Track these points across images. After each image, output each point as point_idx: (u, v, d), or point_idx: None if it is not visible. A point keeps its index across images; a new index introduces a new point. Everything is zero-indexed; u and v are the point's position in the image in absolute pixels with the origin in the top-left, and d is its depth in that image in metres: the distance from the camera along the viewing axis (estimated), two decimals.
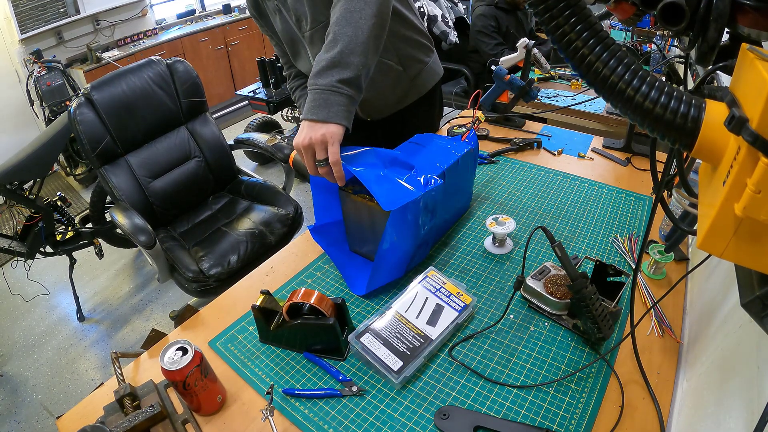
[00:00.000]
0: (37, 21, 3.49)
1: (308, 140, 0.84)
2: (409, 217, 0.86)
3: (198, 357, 0.68)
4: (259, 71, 3.01)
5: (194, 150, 1.91)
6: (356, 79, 0.86)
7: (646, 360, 0.75)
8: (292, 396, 0.74)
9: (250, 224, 1.77)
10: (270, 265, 1.04)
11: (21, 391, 1.97)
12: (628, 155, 1.34)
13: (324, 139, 0.84)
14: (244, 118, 4.26)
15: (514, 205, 1.16)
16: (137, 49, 3.89)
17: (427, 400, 0.73)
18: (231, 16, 4.57)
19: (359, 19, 0.86)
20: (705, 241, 0.35)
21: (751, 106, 0.31)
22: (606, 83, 0.39)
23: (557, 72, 2.44)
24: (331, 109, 0.84)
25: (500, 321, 0.83)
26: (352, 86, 0.86)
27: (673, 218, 0.58)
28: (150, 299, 2.39)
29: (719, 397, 0.57)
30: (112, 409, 0.71)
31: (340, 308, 0.82)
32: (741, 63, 0.37)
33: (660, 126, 0.38)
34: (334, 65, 0.85)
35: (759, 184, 0.29)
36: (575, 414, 0.69)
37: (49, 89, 3.29)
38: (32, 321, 2.34)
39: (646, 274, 0.93)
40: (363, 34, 0.86)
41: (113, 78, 1.74)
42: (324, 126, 0.84)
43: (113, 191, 1.70)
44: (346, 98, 0.86)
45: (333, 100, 0.85)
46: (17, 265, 2.32)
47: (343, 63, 0.85)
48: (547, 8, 0.39)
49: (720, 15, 0.38)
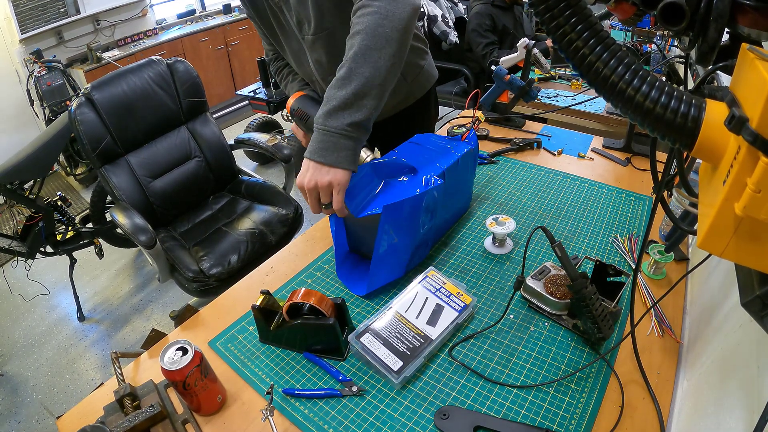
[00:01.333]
0: (38, 21, 3.49)
1: (313, 184, 0.82)
2: (404, 213, 0.86)
3: (198, 357, 0.69)
4: (260, 71, 3.01)
5: (194, 150, 1.91)
6: (367, 122, 0.82)
7: (646, 360, 0.75)
8: (292, 396, 0.74)
9: (250, 224, 1.77)
10: (270, 265, 1.04)
11: (21, 390, 1.97)
12: (628, 155, 1.34)
13: (330, 186, 0.81)
14: (244, 118, 4.26)
15: (514, 205, 1.16)
16: (137, 49, 3.89)
17: (427, 400, 0.73)
18: (231, 16, 4.57)
19: (378, 59, 0.81)
20: (705, 240, 0.35)
21: (751, 105, 0.31)
22: (606, 83, 0.39)
23: (557, 72, 2.44)
24: (340, 153, 0.81)
25: (500, 321, 0.83)
26: (361, 129, 0.82)
27: (673, 218, 0.58)
28: (150, 299, 2.39)
29: (719, 396, 0.57)
30: (112, 409, 0.71)
31: (340, 308, 0.82)
32: (741, 63, 0.37)
33: (660, 126, 0.38)
34: (347, 107, 0.80)
35: (759, 184, 0.29)
36: (575, 414, 0.69)
37: (50, 89, 3.29)
38: (32, 321, 2.34)
39: (646, 274, 0.93)
40: (380, 76, 0.81)
41: (113, 78, 1.74)
42: (331, 171, 0.81)
43: (113, 191, 1.70)
44: (354, 142, 0.82)
45: (342, 145, 0.81)
46: (17, 264, 2.32)
47: (356, 105, 0.80)
48: (548, 8, 0.39)
49: (720, 15, 0.38)
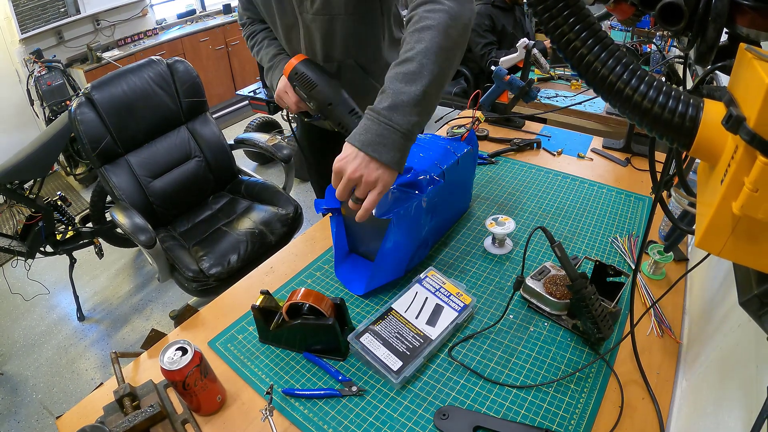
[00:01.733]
0: (38, 21, 3.49)
1: (358, 176, 0.74)
2: (411, 216, 0.86)
3: (198, 357, 0.69)
4: (259, 71, 3.02)
5: (194, 150, 1.92)
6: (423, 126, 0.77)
7: (645, 360, 0.75)
8: (291, 396, 0.74)
9: (250, 224, 1.77)
10: (270, 265, 1.04)
11: (21, 390, 1.97)
12: (627, 155, 1.35)
13: (374, 184, 0.75)
14: (244, 118, 4.26)
15: (514, 205, 1.16)
16: (137, 49, 3.89)
17: (426, 400, 0.73)
18: (231, 16, 4.57)
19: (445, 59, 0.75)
20: (703, 239, 0.35)
21: (748, 105, 0.31)
22: (605, 83, 0.39)
23: (557, 72, 2.44)
24: (395, 153, 0.75)
25: (500, 321, 0.83)
26: (417, 133, 0.77)
27: (673, 218, 0.58)
28: (150, 299, 2.39)
29: (718, 396, 0.57)
30: (112, 409, 0.71)
31: (340, 308, 0.82)
32: (739, 63, 0.37)
33: (658, 125, 0.38)
34: (415, 104, 0.74)
35: (756, 183, 0.30)
36: (575, 414, 0.69)
37: (50, 89, 3.29)
38: (32, 320, 2.34)
39: (645, 274, 0.93)
40: (446, 79, 0.76)
41: (113, 78, 1.74)
42: (381, 169, 0.75)
43: (113, 191, 1.70)
44: (409, 145, 0.76)
45: (400, 145, 0.75)
46: (17, 264, 2.32)
47: (423, 105, 0.75)
48: (546, 8, 0.40)
49: (718, 15, 0.38)
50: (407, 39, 0.77)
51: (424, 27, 0.76)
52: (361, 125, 0.77)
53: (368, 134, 0.75)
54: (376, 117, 0.75)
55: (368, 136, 0.75)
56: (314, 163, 1.49)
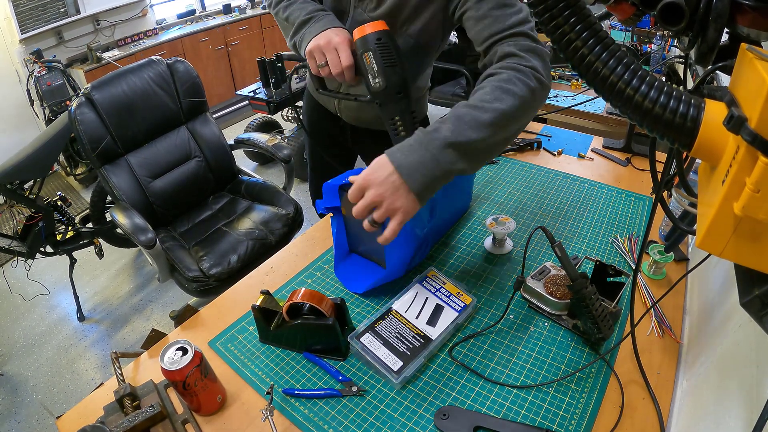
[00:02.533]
0: (38, 21, 3.49)
1: (380, 200, 0.69)
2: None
3: (198, 357, 0.69)
4: (260, 71, 3.01)
5: (194, 150, 1.92)
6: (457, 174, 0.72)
7: (645, 360, 0.75)
8: (292, 396, 0.74)
9: (250, 224, 1.77)
10: (270, 265, 1.04)
11: (21, 390, 1.97)
12: (628, 155, 1.35)
13: (394, 212, 0.69)
14: (244, 118, 4.26)
15: (514, 205, 1.16)
16: (137, 49, 3.89)
17: (427, 400, 0.73)
18: (231, 16, 4.57)
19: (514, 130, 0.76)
20: (704, 240, 0.35)
21: (750, 105, 0.31)
22: (605, 83, 0.39)
23: (557, 72, 2.44)
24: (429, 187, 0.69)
25: (500, 321, 0.83)
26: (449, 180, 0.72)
27: (673, 218, 0.58)
28: (150, 299, 2.39)
29: (719, 396, 0.57)
30: (112, 409, 0.71)
31: (340, 308, 0.82)
32: (740, 63, 0.37)
33: (659, 125, 0.38)
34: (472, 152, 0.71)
35: (758, 183, 0.29)
36: (575, 414, 0.69)
37: (50, 89, 3.28)
38: (32, 321, 2.34)
39: (646, 275, 0.93)
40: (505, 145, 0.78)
41: (113, 78, 1.74)
42: (408, 198, 0.69)
43: (113, 191, 1.70)
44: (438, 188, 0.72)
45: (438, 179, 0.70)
46: (17, 264, 2.32)
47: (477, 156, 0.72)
48: (547, 8, 0.40)
49: (719, 15, 0.38)
50: (488, 88, 0.73)
51: (509, 91, 0.72)
52: (407, 144, 0.71)
53: (413, 157, 0.69)
54: (427, 142, 0.69)
55: (412, 158, 0.69)
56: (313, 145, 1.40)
